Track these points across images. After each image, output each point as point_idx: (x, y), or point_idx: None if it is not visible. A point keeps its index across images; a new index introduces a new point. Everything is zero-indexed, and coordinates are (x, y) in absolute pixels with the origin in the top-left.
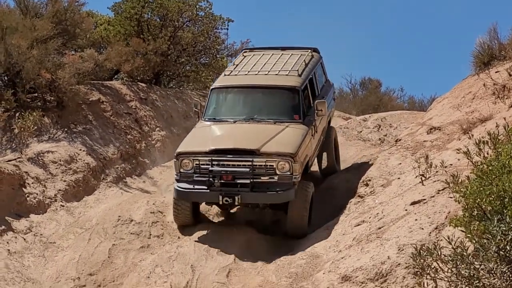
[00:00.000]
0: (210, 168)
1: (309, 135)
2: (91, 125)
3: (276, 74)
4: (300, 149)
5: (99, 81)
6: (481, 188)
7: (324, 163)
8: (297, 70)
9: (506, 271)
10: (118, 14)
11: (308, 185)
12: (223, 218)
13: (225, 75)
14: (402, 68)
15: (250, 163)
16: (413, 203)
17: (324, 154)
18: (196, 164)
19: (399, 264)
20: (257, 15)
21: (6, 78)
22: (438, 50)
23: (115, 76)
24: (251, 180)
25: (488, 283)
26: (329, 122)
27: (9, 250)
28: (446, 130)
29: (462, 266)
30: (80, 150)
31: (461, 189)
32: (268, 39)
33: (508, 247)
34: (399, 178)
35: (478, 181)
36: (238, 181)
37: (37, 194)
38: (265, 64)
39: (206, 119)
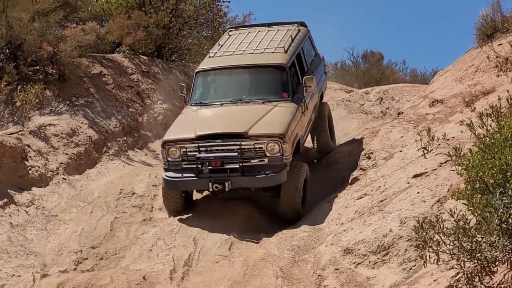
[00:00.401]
0: (198, 155)
1: (299, 113)
2: (92, 98)
3: (262, 53)
4: (289, 129)
5: (100, 54)
6: (484, 161)
7: (319, 141)
8: (283, 47)
9: (508, 244)
10: None
11: (302, 167)
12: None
13: (209, 57)
14: (405, 41)
15: (238, 147)
16: (415, 176)
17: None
18: (183, 151)
19: (401, 237)
20: None
21: (7, 51)
22: (441, 23)
23: (117, 49)
24: (241, 164)
25: (490, 256)
26: (321, 97)
27: (11, 223)
28: (448, 103)
29: (464, 239)
30: (82, 123)
31: (464, 162)
32: (271, 13)
33: (510, 220)
34: (401, 151)
35: (481, 154)
36: (227, 167)
37: (39, 167)
38: (250, 42)
39: (193, 104)
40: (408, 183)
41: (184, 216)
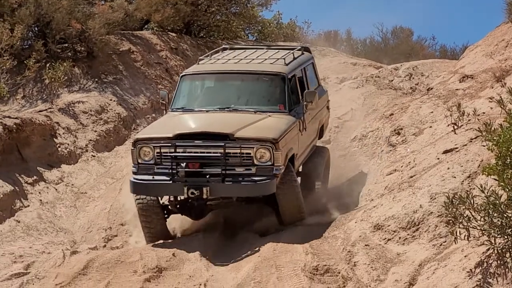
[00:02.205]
0: (174, 154)
1: (296, 128)
2: (121, 75)
3: (260, 63)
4: (283, 137)
5: (129, 31)
6: None
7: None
8: (284, 59)
9: None
10: None
11: (293, 175)
12: None
13: (199, 63)
14: (434, 17)
15: (221, 150)
16: (445, 152)
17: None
18: (157, 152)
19: (431, 212)
20: None
21: (36, 29)
22: None
23: (145, 26)
24: (223, 170)
25: None
26: (321, 132)
27: (41, 200)
28: (478, 78)
29: (495, 215)
30: (111, 100)
31: (494, 138)
32: None
33: None
34: (431, 127)
35: (511, 129)
36: (206, 170)
37: (68, 144)
38: (248, 55)
39: (174, 109)
40: (438, 158)
41: None
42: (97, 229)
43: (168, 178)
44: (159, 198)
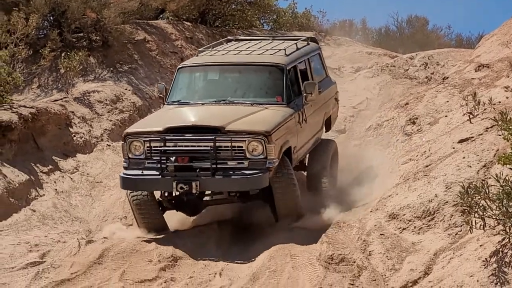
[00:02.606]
0: (163, 148)
1: (294, 120)
2: (136, 65)
3: (259, 54)
4: (278, 129)
5: (144, 20)
6: None
7: (310, 182)
8: (285, 50)
9: None
10: None
11: (290, 169)
12: None
13: (197, 55)
14: (450, 5)
15: (211, 144)
16: (461, 141)
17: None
18: (147, 147)
19: (447, 202)
20: None
21: (51, 18)
22: None
23: (161, 15)
24: (214, 164)
25: None
26: (329, 124)
27: (56, 189)
28: (494, 67)
29: (510, 204)
30: (126, 89)
31: (510, 127)
32: None
33: None
34: (446, 116)
35: None
36: (196, 165)
37: (83, 133)
38: (249, 47)
39: (169, 103)
40: (453, 148)
41: None
42: (112, 218)
43: (158, 173)
44: (154, 193)
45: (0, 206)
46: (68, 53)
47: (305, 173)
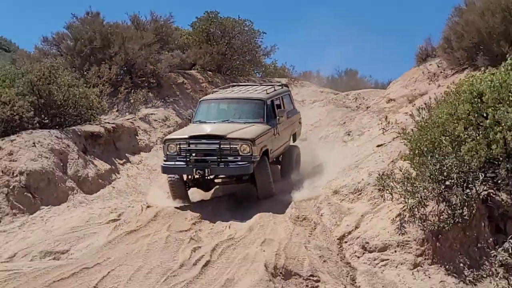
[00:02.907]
0: (188, 148)
1: (270, 132)
2: (178, 98)
3: (250, 93)
4: (259, 137)
5: (183, 70)
6: (420, 136)
7: (282, 169)
8: (266, 90)
9: (435, 187)
10: (194, 29)
11: (266, 163)
12: None
13: (212, 93)
14: (371, 62)
15: (217, 145)
16: (378, 146)
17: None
18: (178, 147)
19: (369, 183)
20: (280, 26)
21: (125, 68)
22: (396, 50)
23: (193, 67)
24: (219, 158)
25: (424, 195)
26: (294, 138)
27: (127, 174)
28: (398, 100)
29: (408, 185)
30: (171, 113)
31: (408, 137)
32: (285, 41)
33: (436, 173)
34: (369, 131)
35: (419, 132)
36: (208, 158)
37: (145, 140)
38: (245, 88)
39: (194, 122)
40: (373, 150)
41: None
42: (163, 192)
43: (184, 163)
44: (183, 176)
45: (93, 185)
46: (135, 90)
47: (279, 167)
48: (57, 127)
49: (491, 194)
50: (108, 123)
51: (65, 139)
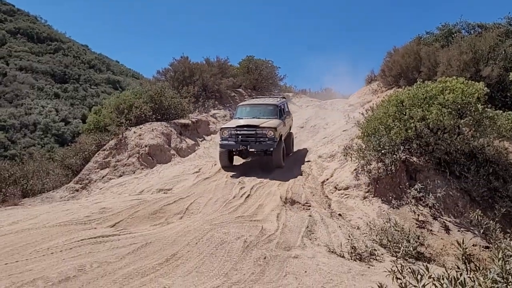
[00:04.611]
0: (236, 133)
1: (281, 123)
2: (231, 104)
3: (267, 100)
4: (278, 127)
5: (234, 88)
6: (367, 125)
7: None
8: (277, 99)
9: (375, 154)
10: (240, 65)
11: (282, 143)
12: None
13: (244, 100)
14: (339, 81)
15: (254, 131)
16: (344, 131)
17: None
18: (230, 132)
19: (339, 152)
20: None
21: (202, 88)
22: (354, 75)
23: (239, 87)
24: (255, 138)
25: (369, 159)
26: (290, 128)
27: (204, 146)
28: (355, 105)
29: (360, 152)
30: (227, 112)
31: (360, 126)
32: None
33: (376, 146)
34: (338, 122)
35: (366, 123)
36: (248, 139)
37: (213, 127)
38: (264, 98)
39: (235, 118)
40: (340, 133)
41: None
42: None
43: (234, 142)
44: (228, 150)
45: (185, 152)
46: (208, 100)
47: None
48: (165, 120)
49: (408, 157)
50: (193, 118)
51: (169, 127)
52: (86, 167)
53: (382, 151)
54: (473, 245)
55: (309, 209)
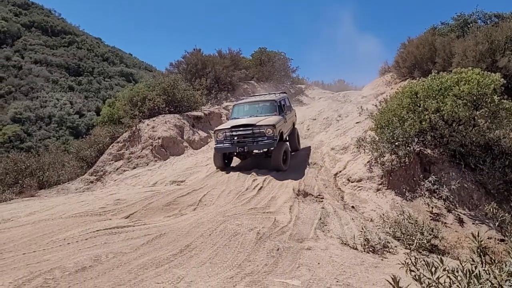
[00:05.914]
0: (231, 134)
1: (282, 120)
2: (244, 96)
3: (266, 96)
4: (277, 123)
5: (246, 80)
6: (381, 117)
7: (291, 144)
8: (275, 95)
9: (389, 146)
10: (252, 57)
11: (284, 144)
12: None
13: (240, 99)
14: (353, 72)
15: (251, 131)
16: (357, 123)
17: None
18: (224, 134)
19: (351, 144)
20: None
21: (214, 80)
22: (368, 65)
23: (252, 79)
24: (252, 138)
25: (383, 151)
26: (294, 125)
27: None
28: (369, 97)
29: (374, 144)
30: None
31: (374, 118)
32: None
33: (390, 138)
34: (351, 114)
35: (380, 115)
36: (245, 139)
37: (225, 119)
38: (264, 94)
39: (231, 118)
40: (353, 125)
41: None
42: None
43: (229, 145)
44: (223, 152)
45: (197, 144)
46: (220, 92)
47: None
48: (177, 112)
49: (422, 150)
50: (206, 110)
51: (182, 119)
52: (101, 159)
53: (396, 143)
54: (488, 238)
55: (322, 201)
